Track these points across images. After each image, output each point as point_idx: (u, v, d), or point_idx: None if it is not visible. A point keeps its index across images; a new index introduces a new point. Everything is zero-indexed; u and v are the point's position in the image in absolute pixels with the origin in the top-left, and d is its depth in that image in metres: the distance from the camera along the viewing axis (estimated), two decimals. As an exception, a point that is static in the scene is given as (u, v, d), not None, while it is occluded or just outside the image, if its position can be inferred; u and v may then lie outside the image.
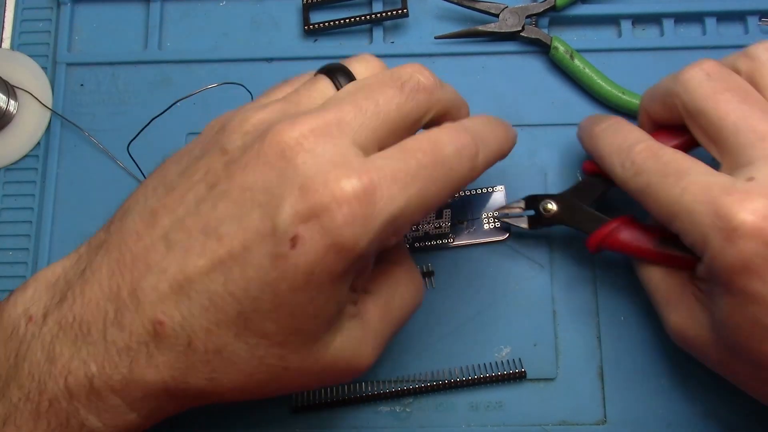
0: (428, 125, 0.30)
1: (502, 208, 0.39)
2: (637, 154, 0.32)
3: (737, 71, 0.32)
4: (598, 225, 0.35)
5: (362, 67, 0.31)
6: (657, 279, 0.35)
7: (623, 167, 0.33)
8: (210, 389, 0.28)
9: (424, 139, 0.28)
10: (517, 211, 0.38)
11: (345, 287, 0.27)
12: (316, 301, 0.26)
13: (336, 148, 0.26)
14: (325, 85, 0.30)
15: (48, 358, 0.27)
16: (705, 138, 0.31)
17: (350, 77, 0.30)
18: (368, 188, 0.25)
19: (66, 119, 0.42)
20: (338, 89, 0.30)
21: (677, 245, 0.32)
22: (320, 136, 0.26)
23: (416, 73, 0.29)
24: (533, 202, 0.38)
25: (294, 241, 0.25)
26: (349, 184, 0.25)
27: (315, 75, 0.31)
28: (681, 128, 0.33)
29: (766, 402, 0.31)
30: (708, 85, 0.31)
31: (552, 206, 0.37)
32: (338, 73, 0.30)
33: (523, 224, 0.38)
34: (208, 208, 0.27)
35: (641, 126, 0.36)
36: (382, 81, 0.29)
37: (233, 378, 0.28)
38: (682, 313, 0.33)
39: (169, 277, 0.26)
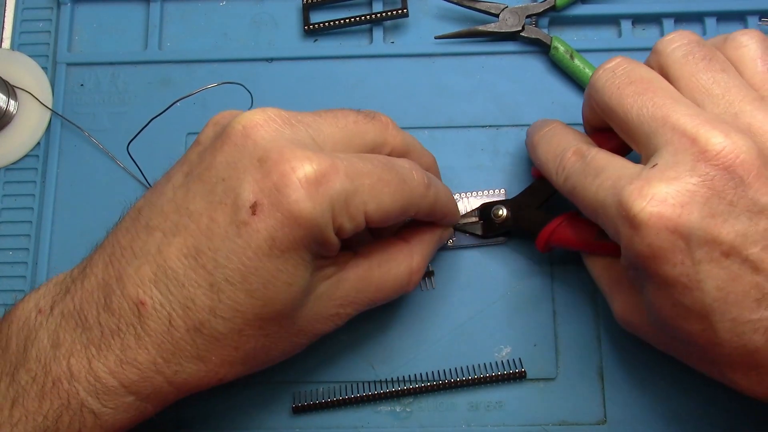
0: None
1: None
2: (567, 159, 0.33)
3: (652, 68, 0.32)
4: (544, 225, 0.36)
5: None
6: (599, 269, 0.36)
7: (557, 174, 0.33)
8: (202, 370, 0.29)
9: (382, 155, 0.32)
10: (472, 219, 0.39)
11: (311, 256, 0.29)
12: (286, 269, 0.28)
13: (295, 133, 0.29)
14: None
15: (53, 344, 0.29)
16: (622, 133, 0.32)
17: None
18: (322, 164, 0.27)
19: (66, 119, 0.42)
20: None
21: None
22: (281, 122, 0.29)
23: (375, 112, 0.33)
24: (486, 209, 0.39)
25: (254, 208, 0.27)
26: (305, 157, 0.27)
27: None
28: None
29: (710, 374, 0.31)
30: (612, 81, 0.31)
31: (503, 212, 0.38)
32: None
33: (478, 232, 0.39)
34: (183, 192, 0.29)
35: (586, 132, 0.36)
36: (343, 108, 0.32)
37: (219, 353, 0.29)
38: (622, 299, 0.34)
39: (150, 259, 0.28)
